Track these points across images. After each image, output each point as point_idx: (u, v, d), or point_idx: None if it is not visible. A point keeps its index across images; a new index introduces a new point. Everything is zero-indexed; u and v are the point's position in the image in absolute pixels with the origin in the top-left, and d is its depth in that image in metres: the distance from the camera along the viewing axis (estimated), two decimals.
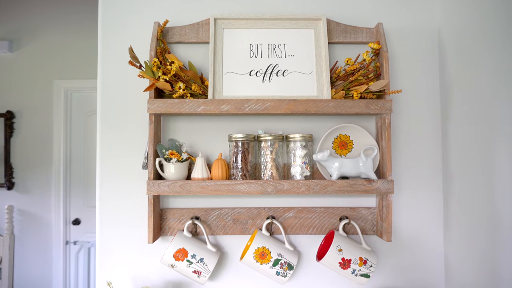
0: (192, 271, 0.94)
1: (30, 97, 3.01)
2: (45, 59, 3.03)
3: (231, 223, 1.05)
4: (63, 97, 3.04)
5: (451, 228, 1.04)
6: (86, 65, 3.00)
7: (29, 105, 3.02)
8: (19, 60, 3.03)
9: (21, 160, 3.01)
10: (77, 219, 3.11)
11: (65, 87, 3.04)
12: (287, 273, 0.95)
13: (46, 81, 3.02)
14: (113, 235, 1.05)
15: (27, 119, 3.03)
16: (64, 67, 3.03)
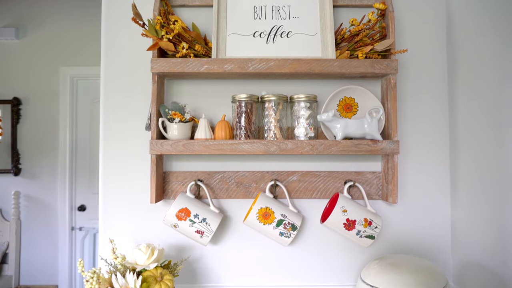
0: (195, 231, 0.94)
1: (36, 84, 3.03)
2: (51, 46, 3.04)
3: (234, 187, 1.04)
4: (69, 83, 3.06)
5: (458, 191, 1.02)
6: (92, 52, 3.01)
7: (36, 92, 3.04)
8: (25, 47, 3.05)
9: (28, 146, 3.04)
10: (82, 205, 3.13)
11: (71, 74, 3.06)
12: (290, 234, 0.94)
13: (52, 68, 3.04)
14: (116, 196, 1.05)
15: (33, 105, 3.05)
16: (70, 54, 3.04)
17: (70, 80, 3.05)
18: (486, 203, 0.90)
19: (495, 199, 0.87)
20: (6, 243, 2.96)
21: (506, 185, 0.83)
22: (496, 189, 0.87)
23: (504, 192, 0.84)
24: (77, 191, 3.12)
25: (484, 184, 0.91)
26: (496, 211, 0.87)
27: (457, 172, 1.02)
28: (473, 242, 0.95)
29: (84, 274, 0.78)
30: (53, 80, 3.03)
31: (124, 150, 1.05)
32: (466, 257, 0.98)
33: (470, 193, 0.97)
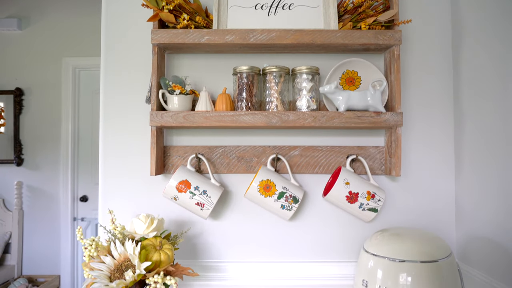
0: (195, 203, 0.93)
1: (39, 74, 3.03)
2: (54, 37, 3.04)
3: (235, 161, 1.03)
4: (71, 74, 3.05)
5: (462, 165, 1.00)
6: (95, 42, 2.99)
7: (38, 82, 3.04)
8: (28, 38, 3.05)
9: (30, 137, 3.04)
10: (84, 196, 3.13)
11: (74, 65, 3.05)
12: (292, 207, 0.93)
13: (55, 58, 3.04)
14: (116, 169, 1.04)
15: (36, 96, 3.05)
16: (73, 44, 3.04)
17: (73, 70, 3.05)
18: (491, 176, 0.89)
19: (500, 172, 0.85)
20: (8, 233, 2.96)
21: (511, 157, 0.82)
22: (501, 162, 0.85)
23: (510, 165, 0.82)
24: (79, 181, 3.12)
25: (489, 157, 0.89)
26: (501, 184, 0.85)
27: (462, 146, 1.01)
28: (478, 216, 0.94)
29: (83, 242, 0.77)
30: (56, 70, 3.03)
31: (124, 124, 1.04)
32: (470, 231, 0.96)
33: (474, 166, 0.95)
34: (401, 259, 0.74)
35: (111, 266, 0.76)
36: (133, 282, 0.73)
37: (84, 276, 0.74)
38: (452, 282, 0.73)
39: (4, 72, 3.04)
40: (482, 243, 0.92)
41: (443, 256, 0.74)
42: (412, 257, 0.73)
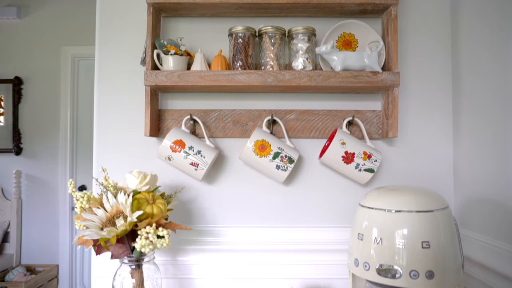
0: (189, 163, 0.92)
1: (38, 63, 3.03)
2: (53, 26, 3.04)
3: (231, 125, 1.02)
4: (70, 63, 3.05)
5: (460, 128, 0.99)
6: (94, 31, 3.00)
7: (37, 71, 3.03)
8: (27, 26, 3.05)
9: (29, 126, 3.03)
10: (83, 185, 3.12)
11: (73, 54, 3.05)
12: (287, 167, 0.92)
13: (54, 47, 3.04)
14: (110, 129, 1.03)
15: (35, 85, 3.05)
16: (72, 33, 3.03)
17: (72, 60, 3.05)
18: (489, 138, 0.87)
19: (499, 133, 0.84)
20: (7, 222, 2.95)
21: (510, 115, 0.80)
22: (500, 123, 0.83)
23: (508, 124, 0.81)
24: (78, 171, 3.12)
25: (487, 118, 0.88)
26: (500, 144, 0.84)
27: (460, 108, 0.99)
28: (476, 179, 0.92)
29: (75, 194, 0.76)
30: (55, 59, 3.03)
31: (119, 86, 1.03)
32: (469, 195, 0.95)
33: (473, 129, 0.94)
34: (397, 210, 0.72)
35: (103, 218, 0.75)
36: (124, 231, 0.72)
37: (75, 228, 0.73)
38: (448, 234, 0.72)
39: (3, 61, 3.04)
40: (481, 205, 0.91)
41: (439, 207, 0.73)
42: (408, 208, 0.72)
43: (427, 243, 0.70)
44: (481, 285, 0.88)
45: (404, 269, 0.70)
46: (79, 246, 3.06)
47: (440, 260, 0.69)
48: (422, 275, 0.69)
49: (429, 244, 0.70)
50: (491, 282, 0.83)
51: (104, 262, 0.99)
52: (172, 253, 1.00)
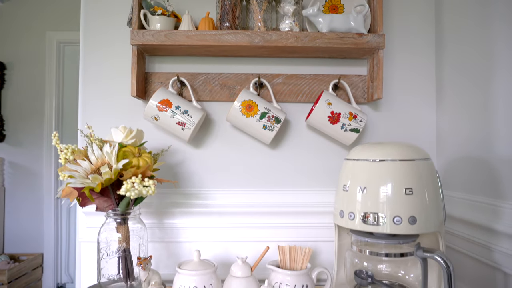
0: (176, 123, 0.91)
1: (22, 48, 2.97)
2: (37, 10, 2.98)
3: (218, 88, 1.02)
4: (56, 49, 3.00)
5: (443, 95, 1.01)
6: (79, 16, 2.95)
7: (21, 56, 2.97)
8: (10, 10, 2.98)
9: (13, 112, 2.97)
10: None
11: (58, 39, 3.00)
12: (274, 127, 0.93)
13: (38, 32, 2.98)
14: (96, 91, 1.03)
15: (18, 71, 2.99)
16: (57, 18, 2.98)
17: (57, 45, 3.00)
18: (471, 100, 0.89)
19: (481, 95, 0.86)
20: None
21: (490, 95, 0.82)
22: (481, 85, 0.85)
23: (489, 86, 0.83)
24: None
25: (469, 82, 0.90)
26: (482, 106, 0.86)
27: (442, 72, 1.01)
28: (458, 140, 0.95)
29: (59, 146, 0.75)
30: (39, 45, 2.97)
31: (105, 48, 1.02)
32: (451, 156, 0.97)
33: (455, 92, 0.96)
34: (381, 159, 0.74)
35: (88, 170, 0.74)
36: (109, 179, 0.72)
37: (60, 179, 0.72)
38: (430, 183, 0.73)
39: None
40: (462, 164, 0.93)
41: (421, 157, 0.74)
42: (391, 157, 0.73)
43: (410, 189, 0.71)
44: (462, 241, 0.90)
45: (388, 215, 0.71)
46: (65, 235, 3.02)
47: (423, 207, 0.71)
48: (405, 220, 0.70)
49: (412, 190, 0.71)
50: (472, 235, 0.86)
51: (90, 224, 0.98)
52: (159, 216, 0.99)
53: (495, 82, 0.81)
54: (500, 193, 0.79)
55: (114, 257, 0.78)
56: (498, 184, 0.79)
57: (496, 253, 0.79)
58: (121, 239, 0.79)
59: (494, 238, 0.78)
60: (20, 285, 2.68)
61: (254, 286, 0.79)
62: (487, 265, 0.82)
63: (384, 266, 0.81)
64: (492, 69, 0.82)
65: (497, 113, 0.81)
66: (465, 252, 0.89)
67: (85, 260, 1.00)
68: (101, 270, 0.79)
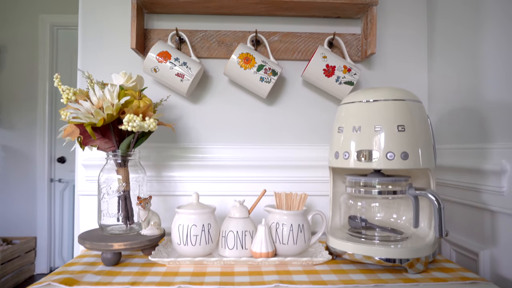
0: (175, 74, 0.93)
1: (15, 31, 2.95)
2: None
3: (216, 45, 1.04)
4: (49, 32, 2.98)
5: (434, 51, 1.04)
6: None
7: (14, 39, 2.95)
8: None
9: (6, 95, 2.95)
10: (62, 157, 3.07)
11: (51, 22, 2.98)
12: (271, 79, 0.95)
13: (31, 15, 2.96)
14: (95, 47, 1.03)
15: (11, 54, 2.97)
16: (50, 1, 2.97)
17: (50, 28, 2.98)
18: (461, 55, 0.92)
19: (470, 50, 0.89)
20: None
21: (482, 24, 0.85)
22: (471, 41, 0.88)
23: (479, 41, 0.86)
24: (57, 142, 3.06)
25: (460, 38, 0.93)
26: (471, 59, 0.89)
27: (434, 29, 1.05)
28: (448, 95, 0.98)
29: (60, 87, 0.77)
30: (32, 28, 2.96)
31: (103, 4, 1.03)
32: (442, 110, 1.01)
33: (445, 48, 0.99)
34: (374, 99, 0.76)
35: (90, 110, 0.76)
36: (111, 116, 0.73)
37: (61, 119, 0.74)
38: (422, 122, 0.75)
39: None
40: (452, 116, 0.96)
41: (412, 99, 0.77)
42: (384, 97, 0.76)
43: (402, 126, 0.74)
44: (452, 189, 0.93)
45: (381, 151, 0.74)
46: (58, 218, 3.01)
47: (414, 143, 0.74)
48: (398, 156, 0.73)
49: (404, 127, 0.74)
50: (461, 181, 0.89)
51: (89, 177, 0.99)
52: (157, 169, 1.01)
53: (485, 32, 0.84)
54: (489, 136, 0.82)
55: (114, 196, 0.80)
56: (486, 129, 0.83)
57: (484, 193, 0.82)
58: (121, 180, 0.80)
59: (482, 178, 0.82)
60: (13, 267, 2.68)
61: (251, 226, 0.81)
62: (475, 208, 0.86)
63: (377, 209, 0.83)
64: (482, 19, 0.85)
65: (485, 61, 0.84)
66: (455, 200, 0.92)
67: (84, 213, 1.01)
68: (101, 211, 0.81)
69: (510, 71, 0.77)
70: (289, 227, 0.80)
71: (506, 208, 0.75)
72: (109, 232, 0.81)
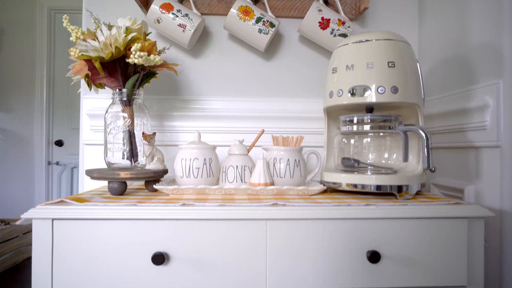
0: (177, 25, 0.97)
1: (12, 14, 2.97)
2: None
3: (216, 2, 1.08)
4: (47, 16, 3.00)
5: (425, 13, 1.10)
6: None
7: (12, 23, 2.97)
8: None
9: (4, 78, 2.97)
10: (60, 140, 3.09)
11: (49, 6, 3.00)
12: (269, 31, 1.00)
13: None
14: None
15: (9, 37, 2.98)
16: None
17: (48, 12, 3.00)
18: (450, 12, 0.98)
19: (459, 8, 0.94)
20: None
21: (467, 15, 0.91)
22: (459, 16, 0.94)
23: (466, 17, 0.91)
24: (55, 126, 3.08)
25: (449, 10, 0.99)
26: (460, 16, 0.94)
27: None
28: (437, 49, 1.03)
29: (69, 27, 0.80)
30: (30, 11, 2.98)
31: None
32: (431, 64, 1.06)
33: (435, 9, 1.04)
34: (367, 39, 0.81)
35: (98, 48, 0.80)
36: (118, 51, 0.77)
37: (71, 58, 0.78)
38: (411, 61, 0.80)
39: None
40: (440, 67, 1.01)
41: (403, 40, 0.82)
42: (375, 37, 0.81)
43: (392, 63, 0.79)
44: (440, 136, 0.98)
45: (373, 86, 0.79)
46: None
47: (403, 78, 0.79)
48: (388, 90, 0.78)
49: (394, 64, 0.79)
50: (448, 125, 0.94)
51: (93, 126, 1.03)
52: (160, 119, 1.05)
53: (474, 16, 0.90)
54: (474, 79, 0.87)
55: (119, 132, 0.84)
56: (472, 72, 0.88)
57: (469, 132, 0.87)
58: (125, 117, 0.85)
59: (467, 117, 0.87)
60: (12, 247, 2.69)
61: (250, 162, 0.86)
62: (461, 149, 0.91)
63: (369, 148, 0.88)
64: None
65: (471, 8, 0.89)
66: (443, 145, 0.98)
67: (88, 162, 1.05)
68: (108, 148, 0.85)
69: (493, 14, 0.82)
70: (286, 161, 0.85)
71: (489, 140, 0.81)
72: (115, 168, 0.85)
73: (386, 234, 0.69)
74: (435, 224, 0.70)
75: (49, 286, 0.65)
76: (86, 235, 0.65)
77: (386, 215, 0.68)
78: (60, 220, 0.65)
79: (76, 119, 3.11)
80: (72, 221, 0.65)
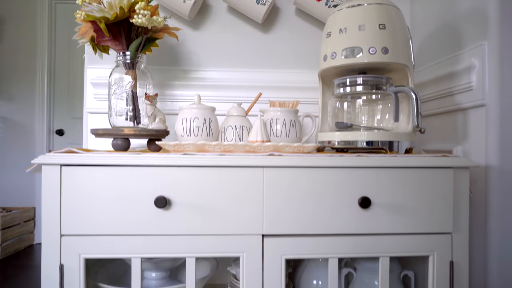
0: None
1: (13, 3, 3.00)
2: None
3: None
4: (47, 6, 3.04)
5: None
6: None
7: (13, 12, 3.00)
8: None
9: (5, 67, 3.00)
10: (60, 129, 3.13)
11: None
12: (266, 1, 1.03)
13: None
14: None
15: (10, 26, 3.02)
16: None
17: (49, 2, 3.04)
18: None
19: None
20: None
21: None
22: None
23: None
24: (56, 115, 3.12)
25: None
26: None
27: None
28: (428, 20, 1.07)
29: None
30: (31, 1, 3.01)
31: None
32: (422, 37, 1.10)
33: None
34: (359, 3, 0.85)
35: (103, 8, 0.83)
36: (123, 12, 0.81)
37: (76, 21, 0.82)
38: (401, 26, 0.85)
39: None
40: (431, 38, 1.05)
41: (393, 5, 0.86)
42: (366, 2, 0.85)
43: (383, 25, 0.83)
44: (431, 103, 1.03)
45: (364, 47, 0.83)
46: None
47: (394, 40, 0.83)
48: (379, 50, 0.82)
49: (385, 26, 0.83)
50: (437, 90, 0.98)
51: (97, 94, 1.07)
52: (161, 88, 1.09)
53: None
54: (462, 44, 0.91)
55: (123, 92, 0.87)
56: (460, 37, 0.92)
57: (457, 95, 0.91)
58: (129, 79, 0.88)
59: (455, 80, 0.91)
60: (13, 234, 2.73)
61: (248, 123, 0.90)
62: (450, 113, 0.95)
63: (362, 110, 0.92)
64: None
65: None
66: (433, 112, 1.02)
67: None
68: (112, 109, 0.89)
69: None
70: (282, 121, 0.89)
71: (475, 100, 0.85)
72: None
73: (377, 183, 0.73)
74: (423, 174, 0.74)
75: (58, 228, 0.68)
76: (92, 180, 0.69)
77: (376, 164, 0.73)
78: (68, 166, 0.69)
79: (77, 108, 3.14)
80: (80, 167, 0.69)
